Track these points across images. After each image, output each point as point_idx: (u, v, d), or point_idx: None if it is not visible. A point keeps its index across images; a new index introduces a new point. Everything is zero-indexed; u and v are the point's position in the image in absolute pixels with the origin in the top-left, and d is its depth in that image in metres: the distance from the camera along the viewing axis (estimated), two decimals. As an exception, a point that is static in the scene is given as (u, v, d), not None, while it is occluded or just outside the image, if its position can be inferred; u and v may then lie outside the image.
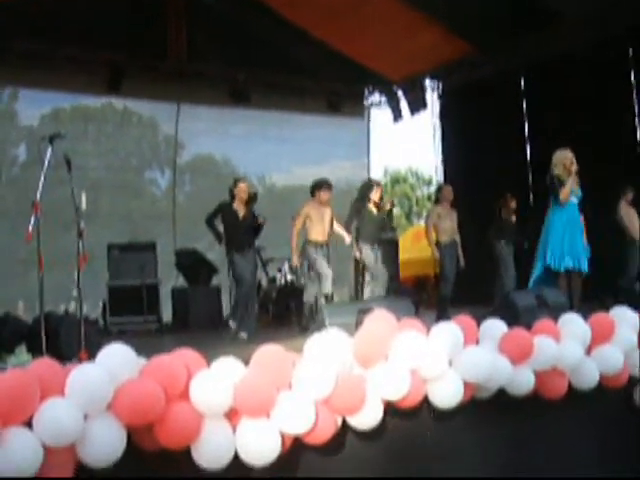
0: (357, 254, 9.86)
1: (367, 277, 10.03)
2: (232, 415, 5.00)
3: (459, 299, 10.79)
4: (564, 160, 9.05)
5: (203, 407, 4.85)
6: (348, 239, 9.84)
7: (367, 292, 9.99)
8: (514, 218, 11.32)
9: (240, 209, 9.66)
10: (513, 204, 11.33)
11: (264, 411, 5.01)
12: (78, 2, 11.69)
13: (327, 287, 9.29)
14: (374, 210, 10.09)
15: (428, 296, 16.11)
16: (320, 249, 9.61)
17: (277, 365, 5.16)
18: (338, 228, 9.88)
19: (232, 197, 9.70)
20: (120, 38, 12.28)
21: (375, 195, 10.07)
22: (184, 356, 5.02)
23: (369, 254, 9.88)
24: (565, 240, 8.85)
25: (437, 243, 10.73)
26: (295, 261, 9.78)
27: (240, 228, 9.62)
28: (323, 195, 9.71)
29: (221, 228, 9.72)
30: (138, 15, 12.49)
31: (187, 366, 4.92)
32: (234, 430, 5.00)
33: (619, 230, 11.01)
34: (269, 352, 5.20)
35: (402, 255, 12.64)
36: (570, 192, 8.87)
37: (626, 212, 11.05)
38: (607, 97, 12.16)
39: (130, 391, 4.62)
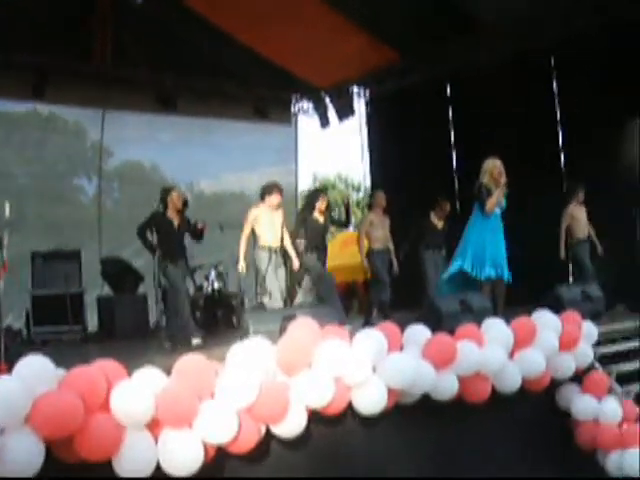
0: (297, 263, 9.76)
1: (304, 283, 9.96)
2: (154, 425, 4.95)
3: (393, 304, 10.79)
4: (493, 169, 9.12)
5: (124, 418, 4.79)
6: (296, 264, 9.68)
7: (300, 298, 9.94)
8: (442, 224, 11.26)
9: (174, 218, 9.30)
10: (447, 207, 11.24)
11: (186, 421, 4.97)
12: (-1, 5, 11.42)
13: (276, 302, 9.13)
14: (320, 218, 10.05)
15: (359, 302, 16.13)
16: (272, 255, 9.42)
17: (199, 374, 5.13)
18: (286, 238, 9.68)
19: (165, 206, 9.32)
20: (44, 42, 11.98)
21: (321, 204, 10.00)
22: (104, 366, 4.96)
23: (315, 261, 9.83)
24: (487, 249, 8.95)
25: (369, 251, 10.70)
26: (242, 268, 9.54)
27: (176, 238, 9.28)
28: (274, 199, 9.48)
29: (153, 238, 9.51)
30: (63, 17, 12.21)
31: (107, 376, 4.86)
32: (156, 440, 4.95)
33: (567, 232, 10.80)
34: (191, 361, 5.17)
35: (332, 261, 12.61)
36: (496, 203, 8.96)
37: (573, 212, 10.80)
38: (531, 104, 12.35)
39: (48, 403, 4.54)
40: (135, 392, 4.83)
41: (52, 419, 4.51)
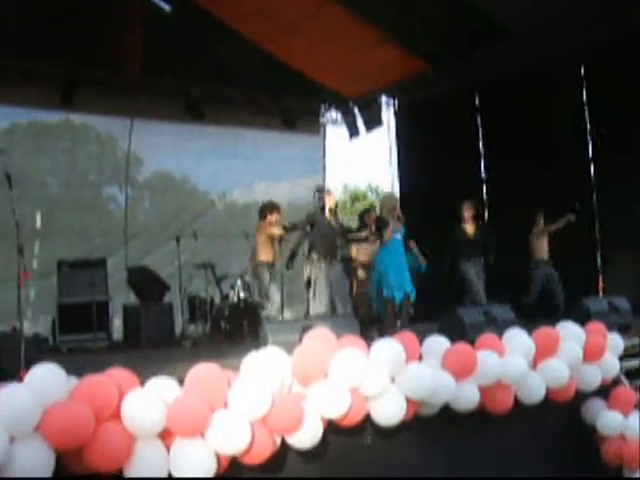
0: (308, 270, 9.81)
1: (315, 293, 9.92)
2: (166, 435, 4.90)
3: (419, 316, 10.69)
4: (389, 204, 10.04)
5: (135, 428, 4.74)
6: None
7: (313, 309, 9.89)
8: (473, 231, 11.24)
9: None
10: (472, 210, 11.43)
11: (198, 431, 4.91)
12: (30, 15, 11.48)
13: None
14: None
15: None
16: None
17: (212, 384, 5.07)
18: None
19: (322, 207, 9.68)
20: (73, 51, 12.00)
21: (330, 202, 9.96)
22: (116, 375, 4.91)
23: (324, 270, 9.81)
24: (391, 272, 9.61)
25: None
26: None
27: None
28: (276, 216, 10.28)
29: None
30: (92, 27, 12.22)
31: (119, 385, 4.82)
32: (168, 450, 4.91)
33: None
34: (203, 371, 5.11)
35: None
36: (392, 233, 9.67)
37: (538, 235, 11.52)
38: (559, 114, 12.15)
39: (58, 412, 4.50)
40: (146, 401, 4.79)
41: (62, 428, 4.47)
